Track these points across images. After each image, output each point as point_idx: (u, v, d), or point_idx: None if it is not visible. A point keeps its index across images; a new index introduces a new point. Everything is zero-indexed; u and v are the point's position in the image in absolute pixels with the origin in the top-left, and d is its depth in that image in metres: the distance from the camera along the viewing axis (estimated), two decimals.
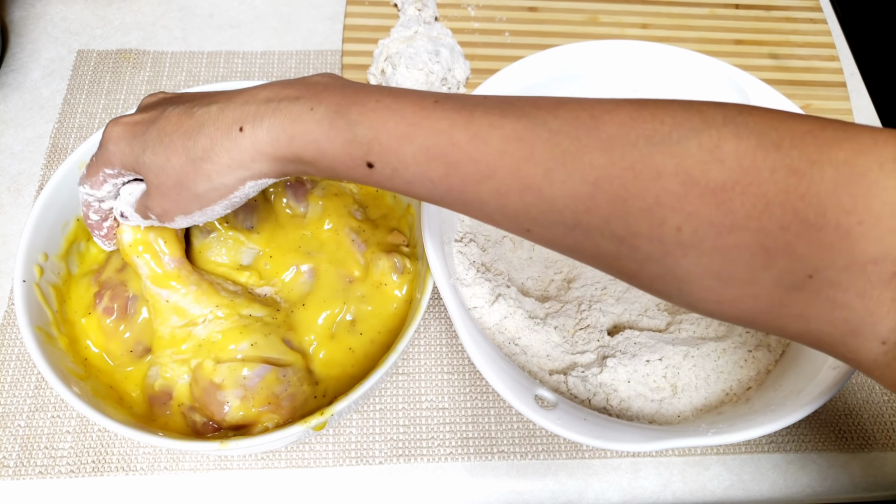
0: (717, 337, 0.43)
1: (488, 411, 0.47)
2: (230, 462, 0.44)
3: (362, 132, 0.28)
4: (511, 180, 0.27)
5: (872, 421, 0.48)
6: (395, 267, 0.44)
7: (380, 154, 0.28)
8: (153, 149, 0.32)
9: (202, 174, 0.31)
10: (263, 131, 0.30)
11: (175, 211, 0.34)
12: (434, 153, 0.27)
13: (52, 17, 0.64)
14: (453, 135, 0.27)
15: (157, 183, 0.33)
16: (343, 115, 0.29)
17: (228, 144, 0.30)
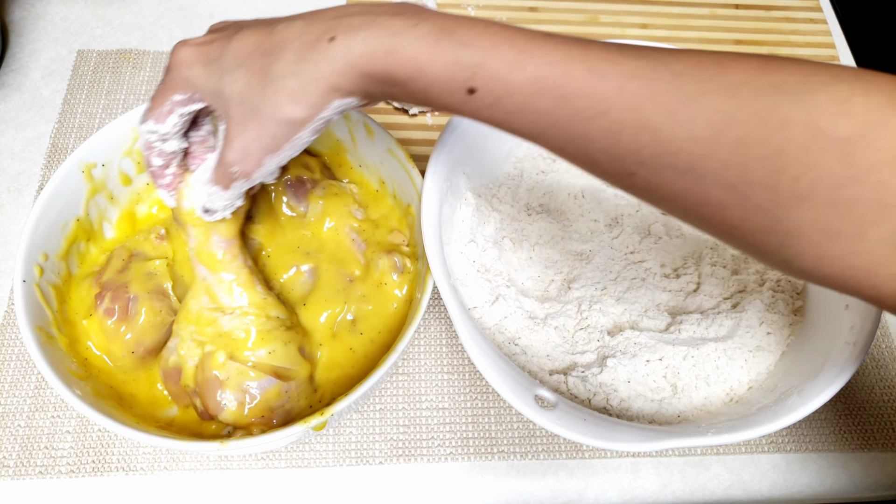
0: (717, 338, 0.43)
1: (488, 411, 0.47)
2: (230, 462, 0.44)
3: (469, 54, 0.27)
4: (627, 118, 0.25)
5: (872, 421, 0.48)
6: (396, 266, 0.44)
7: (484, 80, 0.27)
8: (231, 74, 0.30)
9: (286, 93, 0.29)
10: (358, 42, 0.27)
11: (259, 150, 0.31)
12: (545, 84, 0.26)
13: (52, 17, 0.64)
14: (568, 66, 0.26)
15: (239, 116, 0.30)
16: (449, 35, 0.27)
17: (316, 56, 0.28)
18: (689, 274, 0.47)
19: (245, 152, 0.31)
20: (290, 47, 0.28)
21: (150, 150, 0.35)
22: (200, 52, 0.31)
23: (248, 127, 0.30)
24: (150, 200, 0.49)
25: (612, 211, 0.50)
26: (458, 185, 0.44)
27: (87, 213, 0.45)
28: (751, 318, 0.43)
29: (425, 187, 0.40)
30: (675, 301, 0.46)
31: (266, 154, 0.31)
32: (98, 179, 0.45)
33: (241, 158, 0.31)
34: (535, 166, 0.51)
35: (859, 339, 0.37)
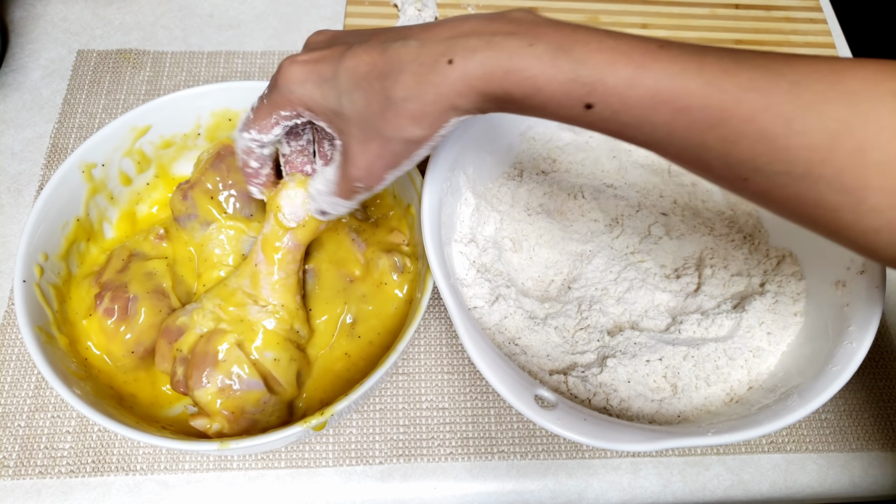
0: (717, 338, 0.43)
1: (488, 411, 0.47)
2: (230, 462, 0.44)
3: (586, 72, 0.27)
4: (744, 128, 0.26)
5: (872, 421, 0.48)
6: (396, 266, 0.44)
7: (602, 95, 0.28)
8: (349, 95, 0.30)
9: (406, 115, 0.30)
10: (476, 64, 0.28)
11: (382, 167, 0.32)
12: (662, 98, 0.27)
13: (52, 17, 0.64)
14: (685, 80, 0.27)
15: (360, 135, 0.31)
16: (566, 53, 0.28)
17: (435, 78, 0.29)
18: (690, 275, 0.47)
19: (368, 170, 0.32)
20: (408, 69, 0.29)
21: (249, 155, 0.37)
22: (312, 71, 0.32)
23: (369, 146, 0.31)
24: (150, 200, 0.49)
25: (612, 211, 0.50)
26: (458, 185, 0.44)
27: (87, 213, 0.45)
28: (751, 319, 0.43)
29: (425, 187, 0.40)
30: (675, 301, 0.46)
31: (388, 170, 0.32)
32: (98, 179, 0.45)
33: (364, 175, 0.33)
34: (535, 166, 0.51)
35: (859, 339, 0.37)
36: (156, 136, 0.47)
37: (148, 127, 0.46)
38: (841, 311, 0.40)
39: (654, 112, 0.27)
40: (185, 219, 0.44)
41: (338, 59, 0.31)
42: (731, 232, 0.49)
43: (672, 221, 0.50)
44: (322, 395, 0.42)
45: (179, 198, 0.43)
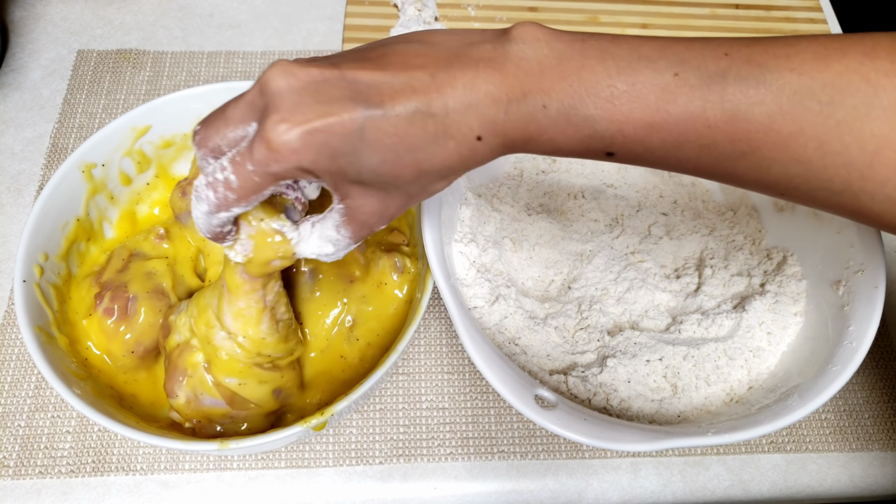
0: (717, 338, 0.43)
1: (488, 411, 0.47)
2: (230, 462, 0.44)
3: (603, 127, 0.27)
4: (776, 154, 0.26)
5: (872, 421, 0.48)
6: (395, 266, 0.44)
7: (622, 145, 0.27)
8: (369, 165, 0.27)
9: (434, 187, 0.30)
10: (501, 138, 0.28)
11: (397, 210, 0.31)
12: (687, 137, 0.26)
13: (52, 17, 0.64)
14: (707, 116, 0.26)
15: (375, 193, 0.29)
16: (579, 111, 0.27)
17: (467, 155, 0.28)
18: (690, 275, 0.47)
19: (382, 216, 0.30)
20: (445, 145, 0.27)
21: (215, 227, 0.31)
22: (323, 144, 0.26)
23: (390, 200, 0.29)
24: (150, 200, 0.49)
25: (613, 211, 0.50)
26: (458, 185, 0.44)
27: (87, 213, 0.45)
28: (751, 319, 0.43)
29: None
30: (675, 301, 0.46)
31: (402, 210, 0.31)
32: (98, 179, 0.45)
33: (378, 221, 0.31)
34: (535, 166, 0.51)
35: (859, 339, 0.37)
36: (156, 136, 0.47)
37: (148, 127, 0.46)
38: (841, 311, 0.40)
39: (680, 150, 0.27)
40: (187, 216, 0.44)
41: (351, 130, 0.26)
42: (731, 232, 0.49)
43: (672, 221, 0.50)
44: (320, 395, 0.42)
45: (179, 195, 0.43)
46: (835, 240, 0.42)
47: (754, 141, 0.26)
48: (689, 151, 0.27)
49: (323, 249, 0.32)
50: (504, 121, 0.27)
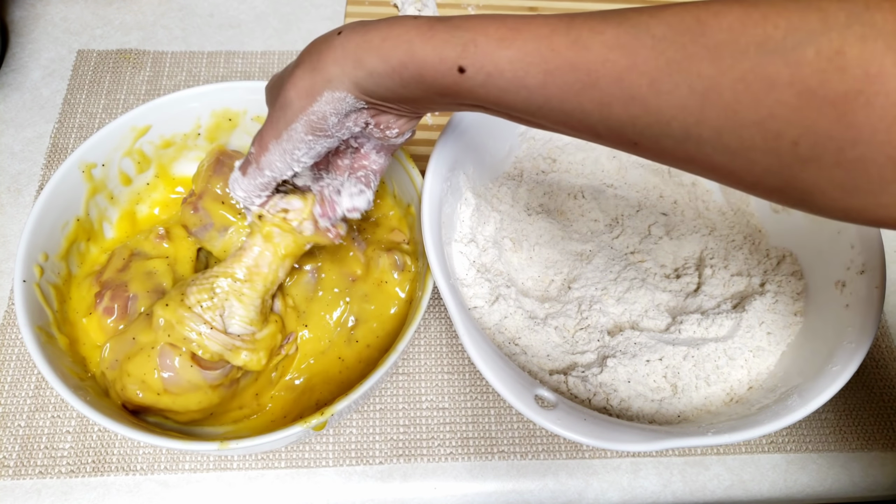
0: (717, 338, 0.43)
1: (488, 411, 0.47)
2: (230, 462, 0.44)
3: (459, 34, 0.27)
4: (614, 90, 0.25)
5: (872, 421, 0.48)
6: (396, 264, 0.44)
7: (474, 56, 0.27)
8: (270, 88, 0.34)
9: (290, 83, 0.31)
10: (359, 34, 0.29)
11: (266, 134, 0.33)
12: (532, 59, 0.26)
13: (52, 17, 0.64)
14: (553, 40, 0.26)
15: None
16: (444, 21, 0.28)
17: (322, 48, 0.30)
18: (690, 275, 0.47)
19: (260, 137, 0.33)
20: (311, 47, 0.31)
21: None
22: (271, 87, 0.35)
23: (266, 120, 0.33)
24: (150, 200, 0.49)
25: (612, 211, 0.50)
26: (458, 185, 0.44)
27: (87, 213, 0.45)
28: (751, 319, 0.43)
29: (425, 187, 0.40)
30: (675, 301, 0.46)
31: (270, 139, 0.32)
32: (98, 179, 0.45)
33: (257, 144, 0.33)
34: (535, 166, 0.51)
35: (859, 339, 0.37)
36: (156, 136, 0.47)
37: (148, 127, 0.46)
38: (841, 311, 0.40)
39: (527, 74, 0.26)
40: (202, 230, 0.44)
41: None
42: (731, 232, 0.49)
43: (672, 221, 0.50)
44: (319, 396, 0.42)
45: (190, 211, 0.43)
46: (835, 240, 0.42)
47: (593, 72, 0.25)
48: (536, 76, 0.26)
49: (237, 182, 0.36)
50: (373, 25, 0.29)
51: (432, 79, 0.28)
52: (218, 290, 0.38)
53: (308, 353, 0.44)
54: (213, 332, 0.38)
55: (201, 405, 0.39)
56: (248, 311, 0.39)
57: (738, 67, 0.23)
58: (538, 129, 0.51)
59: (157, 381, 0.37)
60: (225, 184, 0.44)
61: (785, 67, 0.22)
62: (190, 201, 0.44)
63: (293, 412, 0.42)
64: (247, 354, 0.39)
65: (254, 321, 0.39)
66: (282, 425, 0.36)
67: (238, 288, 0.38)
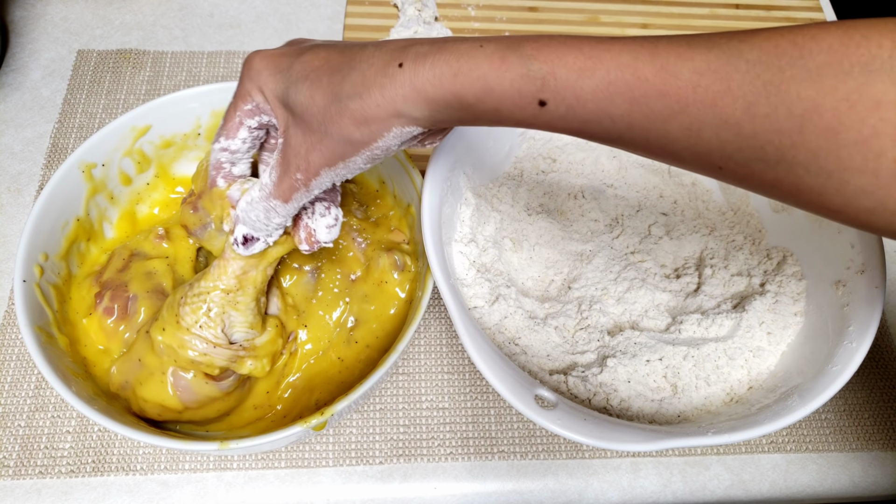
0: (717, 338, 0.43)
1: (488, 411, 0.47)
2: (230, 462, 0.44)
3: (536, 66, 0.26)
4: (705, 115, 0.25)
5: (872, 421, 0.48)
6: (396, 264, 0.44)
7: (555, 90, 0.26)
8: (297, 85, 0.30)
9: (348, 115, 0.28)
10: (426, 68, 0.27)
11: (317, 161, 0.30)
12: (617, 88, 0.26)
13: (52, 17, 0.64)
14: (638, 67, 0.25)
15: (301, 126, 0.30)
16: (515, 50, 0.27)
17: (383, 80, 0.28)
18: (690, 275, 0.47)
19: (307, 160, 0.30)
20: (359, 68, 0.28)
21: (219, 171, 0.35)
22: (270, 61, 0.31)
23: (309, 138, 0.30)
24: (150, 201, 0.49)
25: (612, 211, 0.50)
26: (458, 185, 0.44)
27: (87, 213, 0.45)
28: (751, 319, 0.43)
29: (425, 187, 0.40)
30: (675, 301, 0.46)
31: (323, 167, 0.30)
32: (98, 179, 0.45)
33: (304, 166, 0.31)
34: (535, 166, 0.51)
35: (859, 339, 0.37)
36: (156, 136, 0.47)
37: (148, 127, 0.46)
38: (841, 311, 0.40)
39: (611, 104, 0.26)
40: (202, 230, 0.43)
41: (298, 53, 0.31)
42: (731, 232, 0.49)
43: (672, 221, 0.50)
44: (318, 396, 0.42)
45: (189, 211, 0.43)
46: (835, 240, 0.42)
47: (683, 98, 0.25)
48: (621, 105, 0.26)
49: (252, 193, 0.33)
50: (435, 52, 0.27)
51: (509, 113, 0.28)
52: (212, 305, 0.38)
53: (307, 354, 0.44)
54: (216, 349, 0.38)
55: (220, 411, 0.40)
56: (247, 316, 0.39)
57: (841, 88, 0.23)
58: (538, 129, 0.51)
59: (176, 401, 0.38)
60: None
61: (892, 86, 0.22)
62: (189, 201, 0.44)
63: (293, 412, 0.42)
64: (251, 363, 0.39)
65: (254, 325, 0.39)
66: (282, 425, 0.36)
67: (232, 298, 0.38)
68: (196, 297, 0.38)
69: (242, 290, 0.38)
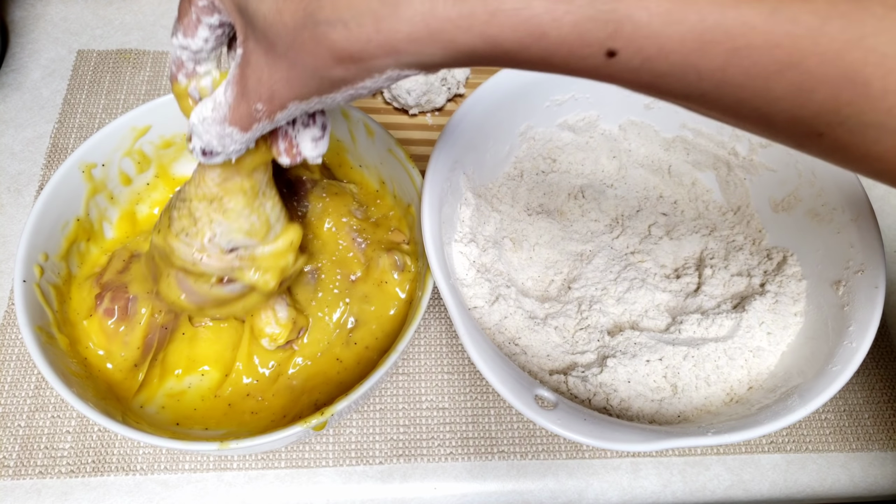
0: (717, 338, 0.43)
1: (488, 411, 0.47)
2: (230, 462, 0.44)
3: (609, 8, 0.20)
4: (825, 72, 0.20)
5: (872, 421, 0.48)
6: (396, 264, 0.44)
7: (630, 38, 0.21)
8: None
9: (327, 47, 0.22)
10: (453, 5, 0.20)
11: (287, 94, 0.24)
12: (713, 36, 0.20)
13: (52, 17, 0.64)
14: (743, 11, 0.20)
15: (263, 48, 0.24)
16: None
17: (380, 8, 0.20)
18: (690, 275, 0.47)
19: (271, 91, 0.25)
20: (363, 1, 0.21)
21: (179, 69, 0.29)
22: None
23: (276, 65, 0.24)
24: (150, 201, 0.49)
25: (612, 211, 0.50)
26: (458, 185, 0.44)
27: (87, 213, 0.45)
28: (751, 319, 0.43)
29: (425, 187, 0.40)
30: (675, 301, 0.46)
31: (293, 101, 0.25)
32: (98, 179, 0.45)
33: (266, 96, 0.25)
34: (535, 166, 0.51)
35: (859, 339, 0.37)
36: (156, 136, 0.47)
37: (148, 127, 0.46)
38: (841, 311, 0.40)
39: (702, 56, 0.21)
40: None
41: None
42: (731, 232, 0.49)
43: (672, 221, 0.50)
44: (317, 396, 0.42)
45: None
46: (835, 240, 0.42)
47: (799, 50, 0.20)
48: (715, 58, 0.21)
49: (204, 110, 0.28)
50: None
51: (562, 62, 0.22)
52: (197, 214, 0.34)
53: (307, 356, 0.44)
54: (207, 259, 0.35)
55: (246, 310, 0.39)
56: (241, 223, 0.35)
57: None
58: (539, 129, 0.51)
59: (185, 303, 0.37)
60: None
61: None
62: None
63: (292, 412, 0.42)
64: (254, 273, 0.36)
65: (253, 232, 0.35)
66: (282, 425, 0.36)
67: (218, 206, 0.34)
68: (182, 203, 0.35)
69: (230, 197, 0.34)
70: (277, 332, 0.41)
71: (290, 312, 0.42)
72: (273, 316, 0.42)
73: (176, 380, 0.43)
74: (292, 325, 0.42)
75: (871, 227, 0.40)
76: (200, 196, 0.34)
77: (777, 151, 0.47)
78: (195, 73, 0.29)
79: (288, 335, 0.42)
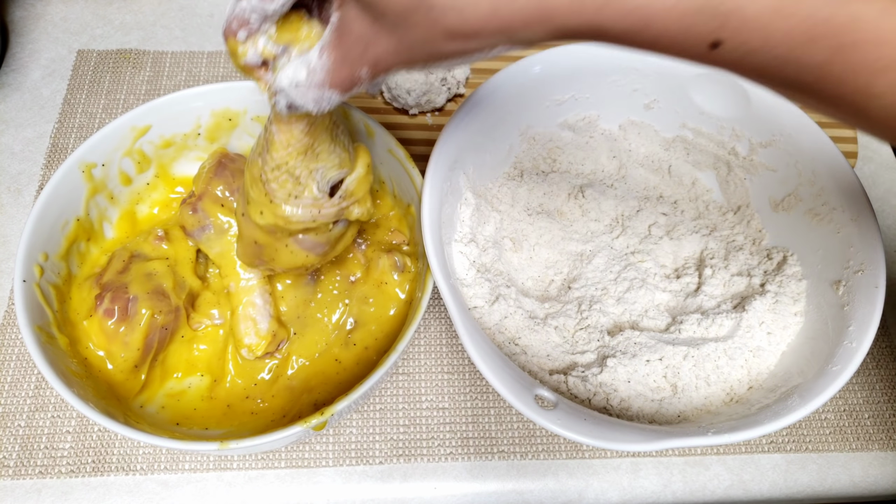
0: (717, 338, 0.43)
1: (488, 411, 0.47)
2: (230, 462, 0.44)
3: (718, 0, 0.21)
4: None
5: (872, 421, 0.48)
6: (396, 265, 0.44)
7: (737, 30, 0.21)
8: None
9: (440, 28, 0.22)
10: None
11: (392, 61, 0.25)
12: (822, 31, 0.20)
13: (52, 17, 0.64)
14: (854, 6, 0.20)
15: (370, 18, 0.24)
16: None
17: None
18: (690, 275, 0.47)
19: (375, 58, 0.25)
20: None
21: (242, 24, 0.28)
22: None
23: (382, 34, 0.24)
24: (150, 201, 0.49)
25: (612, 211, 0.50)
26: (458, 185, 0.44)
27: (87, 213, 0.45)
28: (751, 319, 0.43)
29: (425, 187, 0.40)
30: (675, 301, 0.46)
31: (395, 66, 0.25)
32: (98, 179, 0.45)
33: (371, 63, 0.25)
34: (535, 166, 0.51)
35: (859, 339, 0.37)
36: (156, 136, 0.47)
37: (148, 127, 0.46)
38: (841, 311, 0.40)
39: (807, 51, 0.21)
40: (200, 231, 0.43)
41: None
42: (731, 232, 0.49)
43: (672, 221, 0.50)
44: (317, 397, 0.42)
45: (189, 212, 0.43)
46: (835, 240, 0.42)
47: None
48: (820, 53, 0.21)
49: (297, 74, 0.28)
50: None
51: (664, 49, 0.22)
52: (297, 171, 0.35)
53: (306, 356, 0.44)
54: (321, 212, 0.36)
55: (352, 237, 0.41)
56: (332, 160, 0.36)
57: None
58: (539, 129, 0.51)
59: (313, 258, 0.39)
60: (226, 187, 0.43)
61: None
62: (189, 202, 0.44)
63: (292, 412, 0.42)
64: (357, 209, 0.38)
65: (343, 162, 0.36)
66: (281, 425, 0.36)
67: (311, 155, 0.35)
68: (276, 171, 0.35)
69: (318, 141, 0.35)
70: (255, 343, 0.42)
71: (272, 325, 0.43)
72: (253, 326, 0.42)
73: (176, 380, 0.43)
74: (272, 338, 0.43)
75: (871, 227, 0.40)
76: (295, 153, 0.34)
77: (777, 151, 0.47)
78: (259, 31, 0.29)
79: (267, 347, 0.42)
